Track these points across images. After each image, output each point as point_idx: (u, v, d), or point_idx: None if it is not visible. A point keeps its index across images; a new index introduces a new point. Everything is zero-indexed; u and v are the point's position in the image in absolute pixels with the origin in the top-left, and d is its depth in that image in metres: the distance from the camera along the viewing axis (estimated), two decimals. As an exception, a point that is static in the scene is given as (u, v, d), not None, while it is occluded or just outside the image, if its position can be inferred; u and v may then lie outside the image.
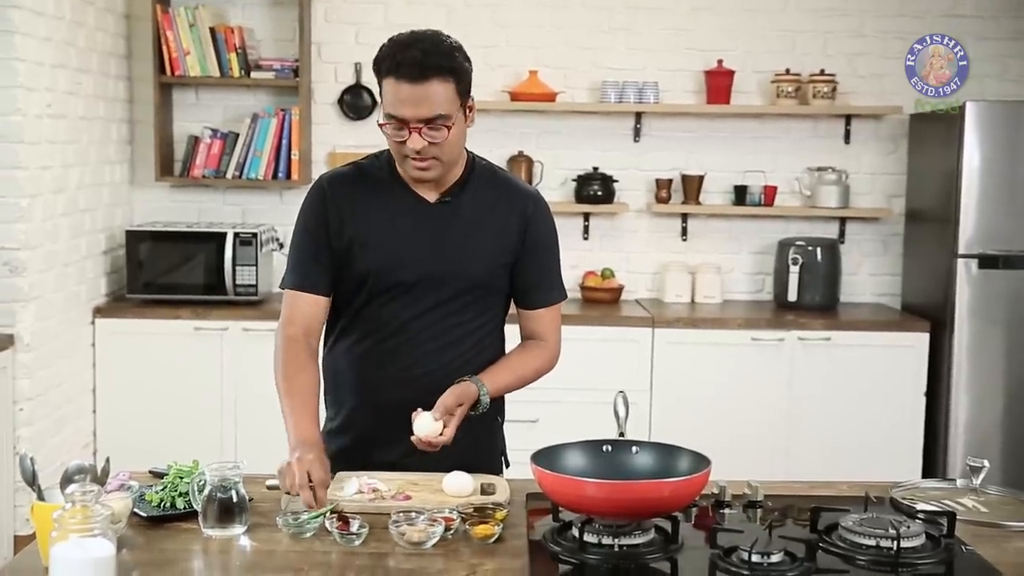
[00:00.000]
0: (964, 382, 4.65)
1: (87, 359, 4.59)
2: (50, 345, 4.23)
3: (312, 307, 2.32)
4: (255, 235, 4.72)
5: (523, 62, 5.05)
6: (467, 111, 2.25)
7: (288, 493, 2.02)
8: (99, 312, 4.65)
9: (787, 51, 5.13)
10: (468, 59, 2.23)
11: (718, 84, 5.04)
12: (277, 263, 4.96)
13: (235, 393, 4.63)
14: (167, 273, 4.75)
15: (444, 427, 2.14)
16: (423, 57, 2.13)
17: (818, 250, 4.98)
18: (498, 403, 2.45)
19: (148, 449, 3.48)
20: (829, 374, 4.68)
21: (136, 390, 4.63)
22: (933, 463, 4.71)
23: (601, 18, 5.13)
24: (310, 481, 1.99)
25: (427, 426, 2.12)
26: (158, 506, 2.00)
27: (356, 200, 2.31)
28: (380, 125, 2.22)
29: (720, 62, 5.04)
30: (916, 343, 4.70)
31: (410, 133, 2.16)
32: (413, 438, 2.13)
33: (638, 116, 5.12)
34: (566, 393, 4.23)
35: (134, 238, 4.74)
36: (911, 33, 5.11)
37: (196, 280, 4.75)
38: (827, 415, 4.68)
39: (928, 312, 4.84)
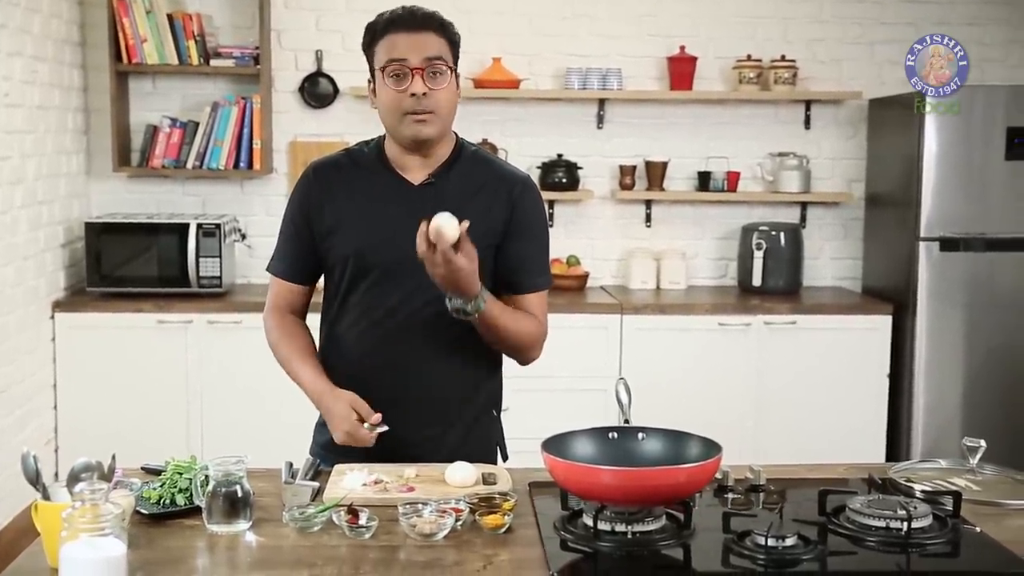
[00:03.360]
0: (925, 363, 4.73)
1: (47, 354, 4.49)
2: (11, 341, 4.13)
3: (292, 293, 2.39)
4: (218, 226, 4.64)
5: (487, 49, 5.00)
6: (457, 78, 2.29)
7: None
8: (58, 306, 4.54)
9: (748, 37, 5.16)
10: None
11: (681, 70, 5.05)
12: (240, 254, 4.89)
13: (200, 387, 4.55)
14: (128, 266, 4.65)
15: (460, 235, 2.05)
16: (418, 11, 2.27)
17: (781, 235, 5.02)
18: (495, 395, 2.45)
19: (111, 446, 3.35)
20: (795, 357, 4.72)
21: (98, 385, 4.53)
22: (897, 443, 4.79)
23: (564, 5, 5.11)
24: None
25: (448, 221, 2.04)
26: (157, 503, 1.95)
27: (340, 185, 2.33)
28: (374, 82, 2.25)
29: (682, 48, 5.06)
30: (880, 326, 4.76)
31: (412, 76, 2.19)
32: (429, 227, 2.04)
33: (601, 103, 5.12)
34: (536, 381, 4.16)
35: (93, 230, 4.63)
36: (870, 19, 5.17)
37: (158, 272, 4.66)
38: (794, 398, 4.72)
39: (889, 295, 4.90)
